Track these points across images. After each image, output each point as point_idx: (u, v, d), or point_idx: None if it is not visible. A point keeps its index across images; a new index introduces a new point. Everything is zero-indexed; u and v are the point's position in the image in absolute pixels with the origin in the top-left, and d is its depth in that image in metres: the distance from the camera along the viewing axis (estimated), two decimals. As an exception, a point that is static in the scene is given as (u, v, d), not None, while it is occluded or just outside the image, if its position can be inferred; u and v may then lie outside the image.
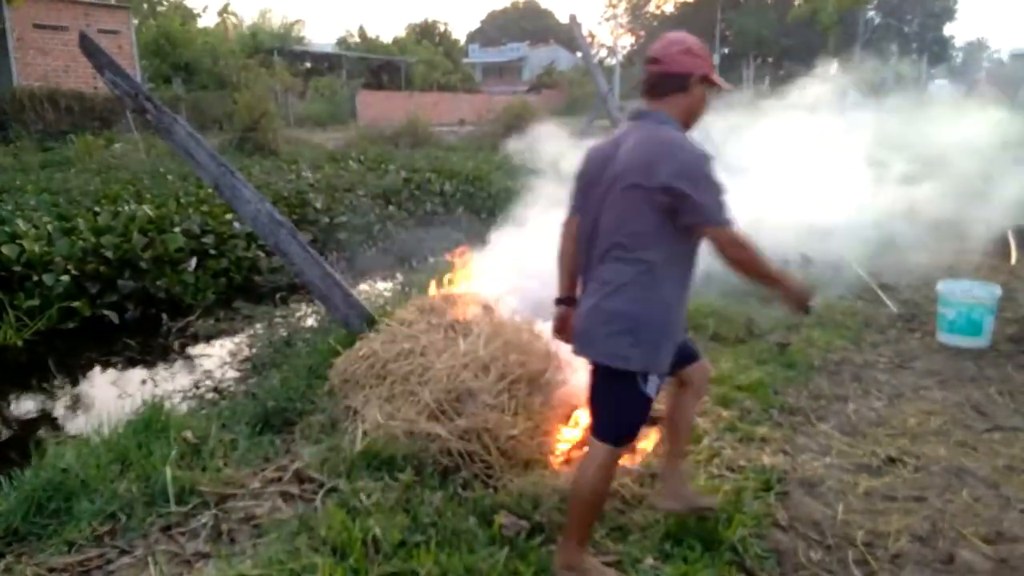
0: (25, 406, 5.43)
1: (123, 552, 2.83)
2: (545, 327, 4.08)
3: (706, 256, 2.45)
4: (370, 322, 4.61)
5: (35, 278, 6.68)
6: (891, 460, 3.58)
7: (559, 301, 2.75)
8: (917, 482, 3.38)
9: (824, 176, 7.32)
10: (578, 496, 2.54)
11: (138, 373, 6.02)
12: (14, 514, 2.98)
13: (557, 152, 7.33)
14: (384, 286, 7.74)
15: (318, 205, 10.39)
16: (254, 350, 5.92)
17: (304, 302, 7.30)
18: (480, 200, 12.70)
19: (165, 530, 2.95)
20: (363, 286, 7.67)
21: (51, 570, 2.71)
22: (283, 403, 4.09)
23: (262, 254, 8.30)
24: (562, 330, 2.76)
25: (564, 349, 3.91)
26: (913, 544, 2.90)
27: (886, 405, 4.33)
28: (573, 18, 10.95)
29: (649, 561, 2.67)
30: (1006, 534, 2.94)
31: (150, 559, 2.75)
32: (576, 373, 3.94)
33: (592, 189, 2.52)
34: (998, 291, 5.37)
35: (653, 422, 3.95)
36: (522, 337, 3.92)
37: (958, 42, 66.27)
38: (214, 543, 2.87)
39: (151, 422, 3.70)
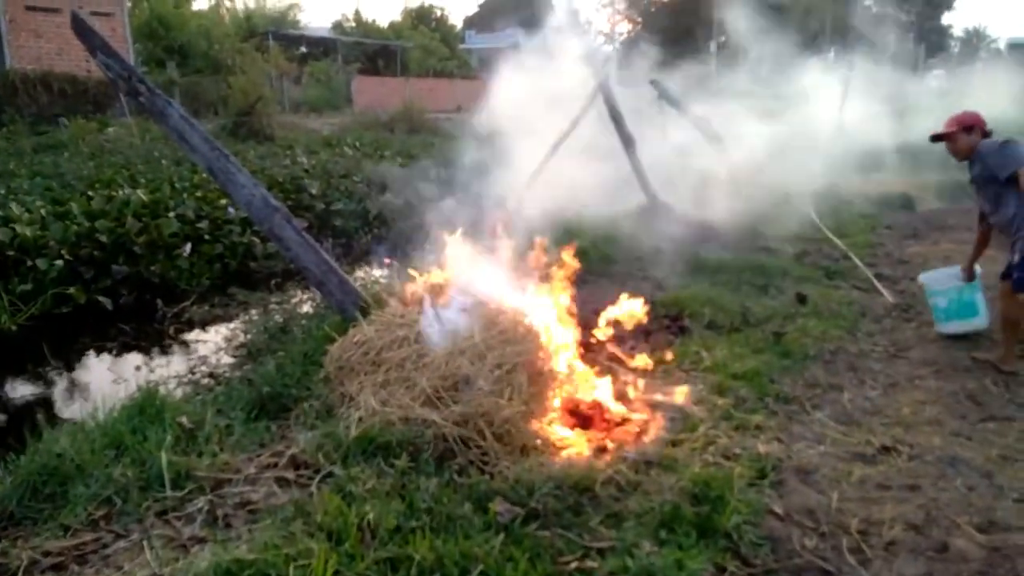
0: (20, 391, 5.41)
1: (119, 536, 2.82)
2: (534, 319, 4.06)
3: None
4: (364, 309, 4.59)
5: (29, 263, 6.65)
6: (886, 449, 3.59)
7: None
8: (911, 471, 3.39)
9: None
10: None
11: (133, 359, 6.00)
12: (9, 498, 2.98)
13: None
14: (380, 272, 7.72)
15: (313, 191, 10.34)
16: (249, 336, 5.90)
17: (299, 288, 7.28)
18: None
19: (161, 515, 2.94)
20: (359, 272, 7.65)
21: (47, 554, 2.71)
22: (278, 389, 4.08)
23: (257, 240, 8.26)
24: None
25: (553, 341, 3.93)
26: (907, 532, 2.92)
27: (881, 394, 4.34)
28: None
29: (645, 547, 2.68)
30: (999, 523, 2.96)
31: (146, 543, 2.74)
32: (565, 362, 3.94)
33: None
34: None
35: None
36: (517, 329, 3.90)
37: (956, 31, 66.13)
38: (210, 528, 2.87)
39: (145, 407, 3.69)
